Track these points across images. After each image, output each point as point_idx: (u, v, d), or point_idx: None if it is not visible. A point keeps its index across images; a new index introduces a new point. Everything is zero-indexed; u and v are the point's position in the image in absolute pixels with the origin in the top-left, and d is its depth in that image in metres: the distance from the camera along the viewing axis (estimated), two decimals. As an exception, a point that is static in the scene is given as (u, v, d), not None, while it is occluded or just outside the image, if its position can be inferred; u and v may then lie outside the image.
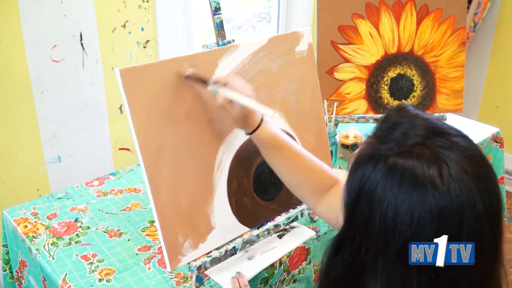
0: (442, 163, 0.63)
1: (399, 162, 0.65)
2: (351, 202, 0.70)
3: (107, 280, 1.11)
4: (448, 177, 0.63)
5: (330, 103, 1.64)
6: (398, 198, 0.64)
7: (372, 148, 0.69)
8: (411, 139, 0.66)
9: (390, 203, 0.65)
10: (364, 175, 0.67)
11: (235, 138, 1.10)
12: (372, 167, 0.67)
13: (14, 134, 1.82)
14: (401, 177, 0.64)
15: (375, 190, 0.66)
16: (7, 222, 1.33)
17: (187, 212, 1.03)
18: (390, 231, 0.65)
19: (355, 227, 0.69)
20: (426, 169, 0.63)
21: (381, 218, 0.66)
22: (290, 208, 1.23)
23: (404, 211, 0.64)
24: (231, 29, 2.80)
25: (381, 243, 0.66)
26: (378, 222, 0.66)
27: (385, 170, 0.65)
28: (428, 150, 0.65)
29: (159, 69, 0.97)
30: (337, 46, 1.65)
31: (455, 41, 1.66)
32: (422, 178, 0.63)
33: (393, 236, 0.65)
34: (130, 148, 2.15)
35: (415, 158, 0.64)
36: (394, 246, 0.65)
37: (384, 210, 0.65)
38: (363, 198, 0.68)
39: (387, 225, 0.65)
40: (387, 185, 0.65)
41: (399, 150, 0.66)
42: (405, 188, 0.64)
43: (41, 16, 1.75)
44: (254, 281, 1.14)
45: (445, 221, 0.63)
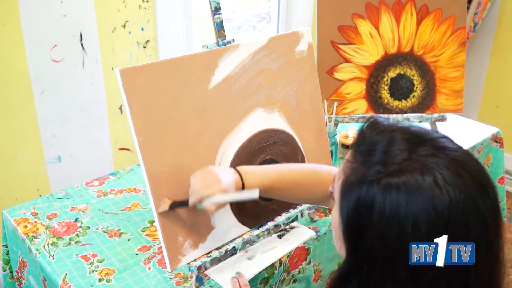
0: (434, 172, 0.62)
1: (393, 181, 0.63)
2: (349, 232, 0.68)
3: (107, 280, 1.11)
4: (444, 184, 0.62)
5: (330, 103, 1.64)
6: (400, 216, 0.62)
7: (358, 173, 0.67)
8: (396, 157, 0.64)
9: (391, 223, 0.63)
10: (359, 201, 0.65)
11: (235, 138, 1.10)
12: (365, 192, 0.64)
13: (14, 134, 1.82)
14: (398, 195, 0.62)
15: (372, 213, 0.63)
16: (7, 222, 1.33)
17: (187, 212, 1.03)
18: (396, 253, 0.63)
19: (360, 258, 0.67)
20: (421, 181, 0.62)
21: (383, 241, 0.64)
22: (290, 208, 1.23)
23: (408, 228, 0.62)
24: (231, 29, 2.81)
25: (388, 269, 0.65)
26: (381, 246, 0.64)
27: (380, 192, 0.63)
28: (417, 163, 0.63)
29: (159, 69, 0.97)
30: (337, 46, 1.65)
31: (455, 41, 1.66)
32: (419, 191, 0.62)
33: (401, 257, 0.63)
34: (130, 148, 2.15)
35: (407, 173, 0.62)
36: (403, 268, 0.64)
37: (386, 231, 0.63)
38: (363, 225, 0.65)
39: (392, 247, 0.63)
40: (385, 206, 0.62)
41: (388, 171, 0.64)
42: (405, 204, 0.62)
43: (41, 16, 1.75)
44: (254, 281, 1.14)
45: (452, 230, 0.62)
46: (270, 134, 1.16)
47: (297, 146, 1.22)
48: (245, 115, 1.11)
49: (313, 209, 1.27)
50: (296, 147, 1.22)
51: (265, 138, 1.15)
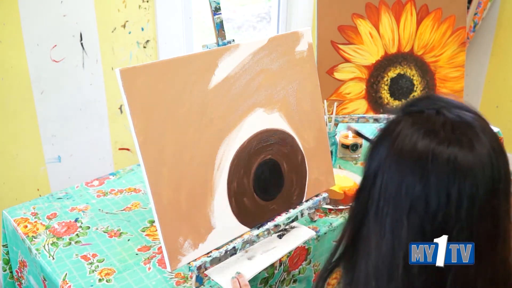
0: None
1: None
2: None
3: (107, 280, 1.11)
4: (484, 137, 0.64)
5: (330, 103, 1.64)
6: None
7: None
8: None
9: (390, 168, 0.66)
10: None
11: (235, 138, 1.10)
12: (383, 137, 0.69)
13: (14, 134, 1.82)
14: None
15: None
16: (7, 222, 1.33)
17: (187, 212, 1.03)
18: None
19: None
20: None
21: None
22: (290, 208, 1.23)
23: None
24: (231, 29, 2.81)
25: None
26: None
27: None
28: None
29: (159, 69, 0.97)
30: (337, 46, 1.65)
31: (455, 41, 1.66)
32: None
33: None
34: (130, 148, 2.15)
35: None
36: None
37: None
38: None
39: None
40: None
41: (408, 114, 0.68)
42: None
43: (41, 16, 1.75)
44: (254, 281, 1.14)
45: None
46: (270, 134, 1.16)
47: (297, 146, 1.22)
48: (245, 115, 1.11)
49: (313, 209, 1.27)
50: (296, 147, 1.22)
51: (265, 138, 1.15)
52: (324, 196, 1.29)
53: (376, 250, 0.69)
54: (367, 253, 0.70)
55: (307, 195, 1.26)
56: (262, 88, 1.14)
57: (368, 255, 0.70)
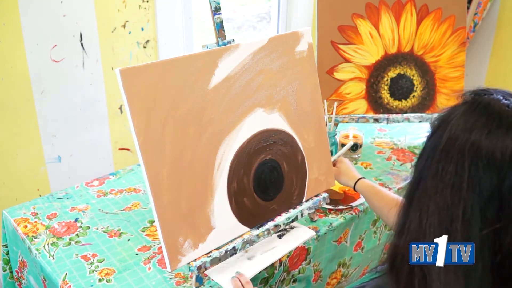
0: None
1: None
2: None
3: (107, 280, 1.11)
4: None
5: (330, 103, 1.64)
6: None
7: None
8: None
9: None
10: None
11: (235, 138, 1.10)
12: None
13: (14, 134, 1.82)
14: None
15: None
16: (7, 222, 1.33)
17: (187, 212, 1.03)
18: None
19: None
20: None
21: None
22: (290, 208, 1.23)
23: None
24: (231, 29, 2.81)
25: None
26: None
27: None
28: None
29: (159, 69, 0.97)
30: (337, 46, 1.65)
31: (455, 41, 1.66)
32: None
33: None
34: (130, 148, 2.15)
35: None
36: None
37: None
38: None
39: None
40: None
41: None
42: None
43: (41, 16, 1.75)
44: (254, 281, 1.14)
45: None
46: (270, 134, 1.16)
47: (297, 146, 1.22)
48: (245, 115, 1.11)
49: (313, 209, 1.27)
50: (296, 147, 1.22)
51: (265, 138, 1.15)
52: (324, 196, 1.29)
53: (433, 203, 0.70)
54: (423, 206, 0.72)
55: (307, 195, 1.26)
56: (262, 88, 1.14)
57: (423, 209, 0.71)
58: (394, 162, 1.63)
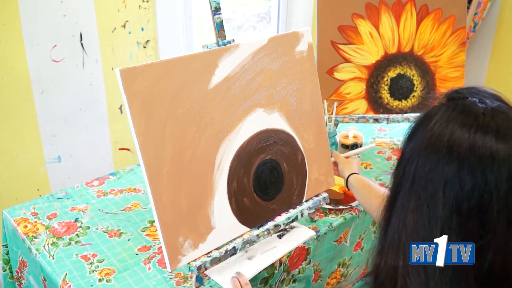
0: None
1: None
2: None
3: (107, 280, 1.11)
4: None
5: (330, 103, 1.64)
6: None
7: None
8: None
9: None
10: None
11: (235, 138, 1.10)
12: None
13: (14, 134, 1.82)
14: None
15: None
16: (7, 222, 1.33)
17: (187, 212, 1.03)
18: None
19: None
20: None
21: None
22: (290, 208, 1.23)
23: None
24: (231, 29, 2.81)
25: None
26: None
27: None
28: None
29: (159, 69, 0.97)
30: (337, 46, 1.65)
31: (455, 41, 1.66)
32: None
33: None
34: (130, 148, 2.15)
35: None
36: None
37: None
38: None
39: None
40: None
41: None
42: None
43: (41, 16, 1.75)
44: (254, 281, 1.14)
45: None
46: (270, 134, 1.16)
47: (297, 146, 1.22)
48: (245, 115, 1.11)
49: (313, 209, 1.27)
50: (296, 147, 1.22)
51: (265, 138, 1.15)
52: (324, 196, 1.29)
53: (409, 223, 0.70)
54: (400, 225, 0.71)
55: (307, 195, 1.26)
56: (262, 88, 1.14)
57: (400, 228, 0.71)
58: (394, 162, 1.63)
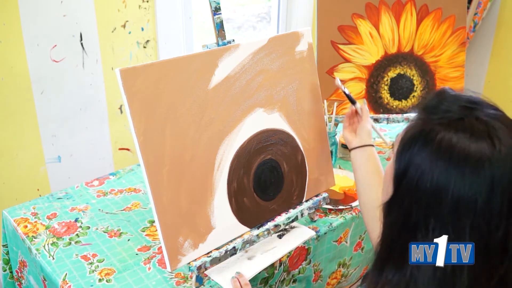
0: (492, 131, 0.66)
1: (446, 137, 0.67)
2: (400, 173, 0.71)
3: (107, 280, 1.11)
4: (498, 140, 0.65)
5: (330, 103, 1.64)
6: (449, 172, 0.66)
7: (418, 126, 0.71)
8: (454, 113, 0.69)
9: (440, 172, 0.66)
10: (412, 153, 0.69)
11: (235, 138, 1.10)
12: (422, 144, 0.69)
13: (14, 134, 1.82)
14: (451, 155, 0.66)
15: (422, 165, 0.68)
16: (7, 222, 1.33)
17: (187, 212, 1.03)
18: (442, 196, 0.66)
19: (403, 194, 0.71)
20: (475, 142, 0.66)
21: (431, 185, 0.67)
22: (290, 208, 1.23)
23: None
24: (231, 29, 2.81)
25: (432, 206, 0.68)
26: (429, 187, 0.67)
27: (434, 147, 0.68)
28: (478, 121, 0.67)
29: (159, 69, 0.97)
30: (337, 46, 1.65)
31: (455, 41, 1.66)
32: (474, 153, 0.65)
33: (444, 199, 0.66)
34: (130, 148, 2.15)
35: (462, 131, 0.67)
36: (446, 205, 0.67)
37: (434, 178, 0.67)
38: (411, 171, 0.69)
39: (439, 190, 0.67)
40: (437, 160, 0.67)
41: (446, 121, 0.69)
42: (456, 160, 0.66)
43: (41, 16, 1.75)
44: (254, 281, 1.14)
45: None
46: (270, 134, 1.16)
47: (297, 146, 1.22)
48: (245, 115, 1.11)
49: (313, 209, 1.27)
50: (296, 147, 1.22)
51: (265, 138, 1.15)
52: (324, 196, 1.29)
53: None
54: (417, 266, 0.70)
55: (307, 195, 1.26)
56: (262, 88, 1.14)
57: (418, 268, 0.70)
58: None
